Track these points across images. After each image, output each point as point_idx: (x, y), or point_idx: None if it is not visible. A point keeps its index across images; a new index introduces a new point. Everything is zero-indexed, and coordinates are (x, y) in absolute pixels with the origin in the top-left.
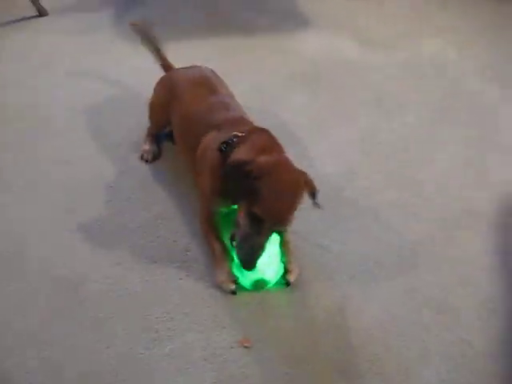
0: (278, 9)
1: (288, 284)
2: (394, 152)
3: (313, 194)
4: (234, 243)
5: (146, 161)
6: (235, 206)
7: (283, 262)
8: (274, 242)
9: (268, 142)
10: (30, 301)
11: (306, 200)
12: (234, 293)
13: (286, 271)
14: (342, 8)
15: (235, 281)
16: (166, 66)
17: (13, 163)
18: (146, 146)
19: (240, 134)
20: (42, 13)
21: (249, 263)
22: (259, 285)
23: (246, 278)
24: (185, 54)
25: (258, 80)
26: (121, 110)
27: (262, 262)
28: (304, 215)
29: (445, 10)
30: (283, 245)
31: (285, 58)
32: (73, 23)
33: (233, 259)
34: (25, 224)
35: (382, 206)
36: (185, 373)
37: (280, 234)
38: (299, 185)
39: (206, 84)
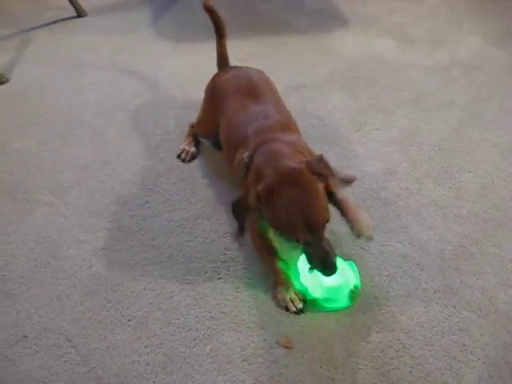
0: (317, 9)
1: (370, 239)
2: (434, 152)
3: (323, 177)
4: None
5: (183, 160)
6: None
7: (350, 226)
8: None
9: (267, 158)
10: (65, 301)
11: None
12: (300, 312)
13: (359, 230)
14: (379, 8)
15: (302, 299)
16: (222, 55)
17: (51, 164)
18: (186, 146)
19: (248, 154)
20: (80, 13)
21: (325, 269)
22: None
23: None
24: None
25: (296, 79)
26: (159, 111)
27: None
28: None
29: (484, 8)
30: (340, 203)
31: (323, 58)
32: (111, 23)
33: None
34: (63, 224)
35: (423, 207)
36: (224, 373)
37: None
38: (304, 184)
39: (250, 90)
